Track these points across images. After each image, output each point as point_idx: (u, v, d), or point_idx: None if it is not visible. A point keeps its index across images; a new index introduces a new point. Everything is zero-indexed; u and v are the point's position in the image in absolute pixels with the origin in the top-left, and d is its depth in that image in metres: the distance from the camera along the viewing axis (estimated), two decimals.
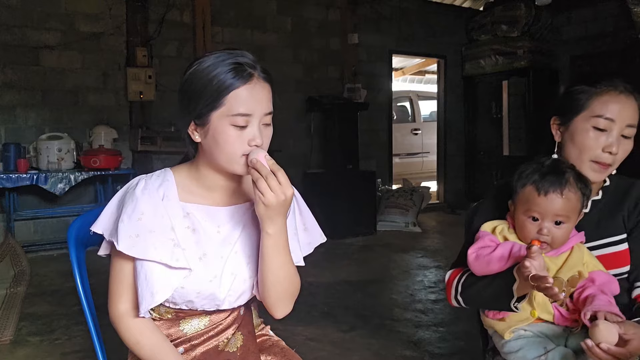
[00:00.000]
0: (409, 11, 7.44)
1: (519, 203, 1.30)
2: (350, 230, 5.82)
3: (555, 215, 1.25)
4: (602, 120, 1.33)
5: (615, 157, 1.33)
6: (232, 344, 1.23)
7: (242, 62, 1.11)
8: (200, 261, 1.15)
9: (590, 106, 1.35)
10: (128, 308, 1.15)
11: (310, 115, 6.53)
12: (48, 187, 4.76)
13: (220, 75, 1.09)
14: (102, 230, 1.15)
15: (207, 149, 1.14)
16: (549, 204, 1.25)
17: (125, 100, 5.51)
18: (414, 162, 9.70)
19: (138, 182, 1.17)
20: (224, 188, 1.21)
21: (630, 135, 1.35)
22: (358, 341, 2.91)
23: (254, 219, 1.22)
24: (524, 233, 1.29)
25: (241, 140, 1.10)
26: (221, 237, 1.19)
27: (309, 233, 1.30)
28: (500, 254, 1.26)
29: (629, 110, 1.34)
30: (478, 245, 1.31)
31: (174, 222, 1.15)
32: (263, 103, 1.12)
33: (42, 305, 3.55)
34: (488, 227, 1.36)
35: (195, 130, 1.14)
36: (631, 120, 1.34)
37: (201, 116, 1.11)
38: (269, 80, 1.14)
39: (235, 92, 1.09)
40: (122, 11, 5.45)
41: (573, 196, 1.25)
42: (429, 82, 11.95)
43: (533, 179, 1.28)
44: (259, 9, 6.27)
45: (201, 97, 1.10)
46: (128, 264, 1.14)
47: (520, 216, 1.30)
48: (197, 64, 1.13)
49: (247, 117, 1.10)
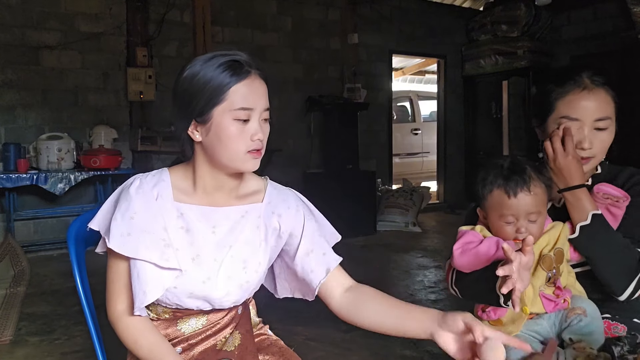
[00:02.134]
0: (409, 11, 7.44)
1: (489, 209, 1.31)
2: (350, 230, 5.80)
3: (528, 212, 1.26)
4: (568, 121, 1.34)
5: (592, 150, 1.35)
6: (230, 343, 1.22)
7: (239, 60, 1.13)
8: (193, 262, 1.15)
9: (557, 107, 1.36)
10: (125, 308, 1.15)
11: (310, 115, 6.53)
12: (48, 187, 4.76)
13: (219, 72, 1.11)
14: (98, 227, 1.16)
15: (209, 147, 1.14)
16: (520, 203, 1.26)
17: (125, 100, 5.51)
18: (414, 162, 9.70)
19: (133, 181, 1.17)
20: (221, 189, 1.20)
21: (605, 126, 1.35)
22: (358, 341, 2.91)
23: (251, 222, 1.21)
24: (502, 237, 1.30)
25: (244, 136, 1.12)
26: (216, 238, 1.18)
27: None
28: (487, 246, 1.26)
29: (595, 105, 1.34)
30: (463, 241, 1.30)
31: (168, 222, 1.15)
32: (262, 99, 1.14)
33: (41, 305, 3.55)
34: (466, 228, 1.36)
35: (195, 130, 1.14)
36: (600, 114, 1.34)
37: (203, 113, 1.11)
38: (264, 77, 1.16)
39: (235, 87, 1.11)
40: (122, 11, 5.45)
41: (540, 190, 1.27)
42: (429, 82, 11.95)
43: (498, 183, 1.28)
44: (259, 9, 6.27)
45: (202, 94, 1.11)
46: (123, 262, 1.14)
47: (495, 222, 1.30)
48: (192, 64, 1.14)
49: (249, 111, 1.11)
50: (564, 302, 1.28)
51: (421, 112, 10.16)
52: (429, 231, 6.42)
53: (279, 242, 1.25)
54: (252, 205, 1.23)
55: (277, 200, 1.25)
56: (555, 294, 1.28)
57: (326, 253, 1.25)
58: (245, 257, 1.20)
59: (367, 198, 6.15)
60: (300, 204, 1.28)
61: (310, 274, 1.23)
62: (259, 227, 1.22)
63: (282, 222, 1.24)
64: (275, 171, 1.19)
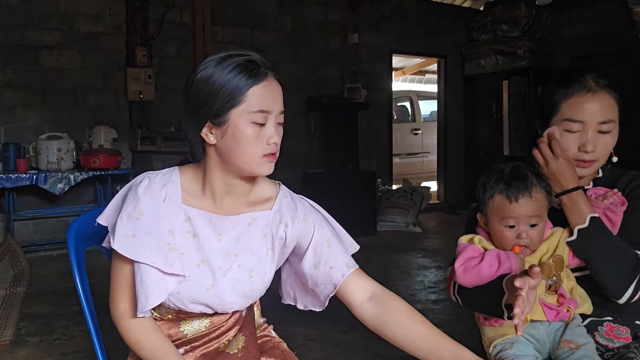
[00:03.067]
0: (409, 11, 7.43)
1: (491, 214, 1.32)
2: (350, 230, 5.71)
3: (530, 217, 1.27)
4: (571, 124, 1.33)
5: (595, 153, 1.34)
6: (233, 346, 1.22)
7: (255, 60, 1.11)
8: (198, 267, 1.13)
9: (561, 109, 1.35)
10: (128, 307, 1.14)
11: (310, 115, 6.53)
12: (48, 187, 4.76)
13: (236, 73, 1.08)
14: (106, 222, 1.15)
15: (225, 149, 1.10)
16: (521, 209, 1.26)
17: (125, 100, 5.50)
18: (414, 162, 9.70)
19: (142, 179, 1.15)
20: (230, 194, 1.17)
21: (608, 129, 1.34)
22: (358, 341, 2.91)
23: (259, 230, 1.19)
24: (503, 242, 1.30)
25: (260, 139, 1.10)
26: (221, 245, 1.16)
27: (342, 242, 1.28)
28: (488, 262, 1.27)
29: (599, 107, 1.33)
30: (464, 257, 1.31)
31: (174, 225, 1.13)
32: (279, 102, 1.13)
33: (41, 305, 3.54)
34: (465, 239, 1.36)
35: (210, 132, 1.11)
36: (604, 116, 1.33)
37: (219, 115, 1.08)
38: (280, 80, 1.15)
39: (254, 89, 1.08)
40: (122, 11, 5.45)
41: (540, 196, 1.28)
42: (429, 82, 11.95)
43: (500, 188, 1.29)
44: (259, 9, 6.27)
45: (219, 95, 1.07)
46: (128, 263, 1.12)
47: (496, 226, 1.31)
48: (206, 65, 1.10)
49: (266, 114, 1.10)
50: (567, 312, 1.27)
51: (421, 112, 10.16)
52: (429, 231, 6.42)
53: (285, 251, 1.22)
54: (260, 213, 1.20)
55: (285, 209, 1.21)
56: (559, 302, 1.27)
57: (333, 267, 1.17)
58: (252, 266, 1.17)
59: (367, 198, 6.15)
60: (311, 214, 1.23)
61: (318, 286, 1.19)
62: (266, 236, 1.19)
63: (288, 232, 1.20)
64: (275, 171, 1.18)
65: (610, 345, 1.32)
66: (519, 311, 1.03)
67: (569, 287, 1.31)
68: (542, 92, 1.43)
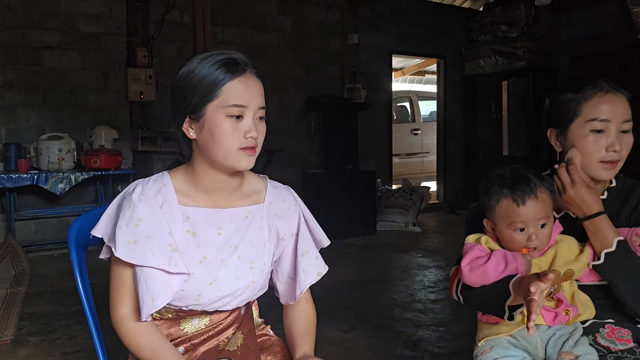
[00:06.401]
0: (409, 11, 7.44)
1: (498, 219, 1.31)
2: (350, 230, 5.82)
3: (538, 219, 1.27)
4: (597, 123, 1.33)
5: (621, 152, 1.35)
6: (233, 343, 1.23)
7: (235, 58, 1.14)
8: (201, 264, 1.16)
9: (582, 112, 1.35)
10: (128, 312, 1.15)
11: (310, 115, 6.54)
12: (48, 187, 4.77)
13: (214, 69, 1.12)
14: (101, 234, 1.16)
15: (203, 144, 1.14)
16: (530, 211, 1.26)
17: (125, 101, 5.51)
18: (413, 162, 9.71)
19: (135, 187, 1.17)
20: (222, 189, 1.20)
21: (629, 128, 1.35)
22: (358, 341, 2.92)
23: (255, 223, 1.23)
24: (512, 245, 1.30)
25: (237, 133, 1.12)
26: (222, 239, 1.19)
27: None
28: (494, 263, 1.26)
29: (620, 106, 1.34)
30: (470, 257, 1.30)
31: (174, 226, 1.15)
32: (257, 97, 1.14)
33: (42, 305, 3.55)
34: (472, 239, 1.36)
35: (190, 127, 1.15)
36: (625, 115, 1.35)
37: (197, 109, 1.13)
38: (260, 77, 1.17)
39: (230, 84, 1.11)
40: (122, 11, 5.46)
41: (546, 196, 1.28)
42: (429, 82, 11.96)
43: (504, 192, 1.29)
44: (259, 9, 6.28)
45: (196, 90, 1.12)
46: (127, 269, 1.14)
47: (505, 231, 1.30)
48: (190, 62, 1.15)
49: (242, 109, 1.12)
50: (566, 315, 1.27)
51: (421, 112, 10.17)
52: (429, 231, 6.42)
53: (280, 243, 1.27)
54: (255, 207, 1.24)
55: (277, 201, 1.27)
56: (557, 305, 1.28)
57: (319, 256, 1.28)
58: (252, 257, 1.21)
59: (367, 198, 6.15)
60: (298, 204, 1.30)
61: (301, 274, 1.25)
62: (262, 228, 1.24)
63: (282, 223, 1.26)
64: (275, 171, 1.18)
65: (612, 347, 1.32)
66: (534, 316, 1.06)
67: (570, 293, 1.31)
68: (552, 102, 1.42)
